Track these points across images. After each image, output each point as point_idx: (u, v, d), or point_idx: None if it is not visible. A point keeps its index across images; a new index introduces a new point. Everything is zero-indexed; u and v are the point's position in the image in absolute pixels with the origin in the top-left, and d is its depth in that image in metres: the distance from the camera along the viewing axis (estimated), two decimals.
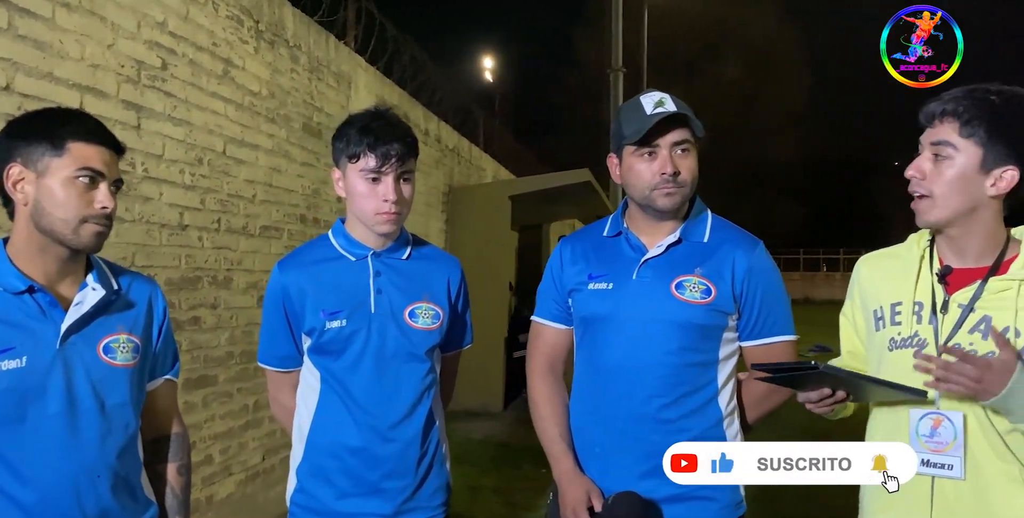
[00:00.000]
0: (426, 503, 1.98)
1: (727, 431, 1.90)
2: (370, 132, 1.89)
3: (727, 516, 1.88)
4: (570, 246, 2.06)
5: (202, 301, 3.83)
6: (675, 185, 1.85)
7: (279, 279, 1.99)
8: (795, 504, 4.47)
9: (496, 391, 7.78)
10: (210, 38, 3.88)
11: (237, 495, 4.11)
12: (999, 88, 1.60)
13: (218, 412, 3.95)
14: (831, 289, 45.50)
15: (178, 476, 1.82)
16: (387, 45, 6.80)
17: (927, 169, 1.61)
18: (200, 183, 3.79)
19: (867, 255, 1.89)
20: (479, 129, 11.33)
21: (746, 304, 1.89)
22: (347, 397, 1.93)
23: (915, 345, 1.66)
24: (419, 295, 1.99)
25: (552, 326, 2.07)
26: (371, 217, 1.92)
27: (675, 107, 1.85)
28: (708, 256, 1.89)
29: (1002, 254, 1.63)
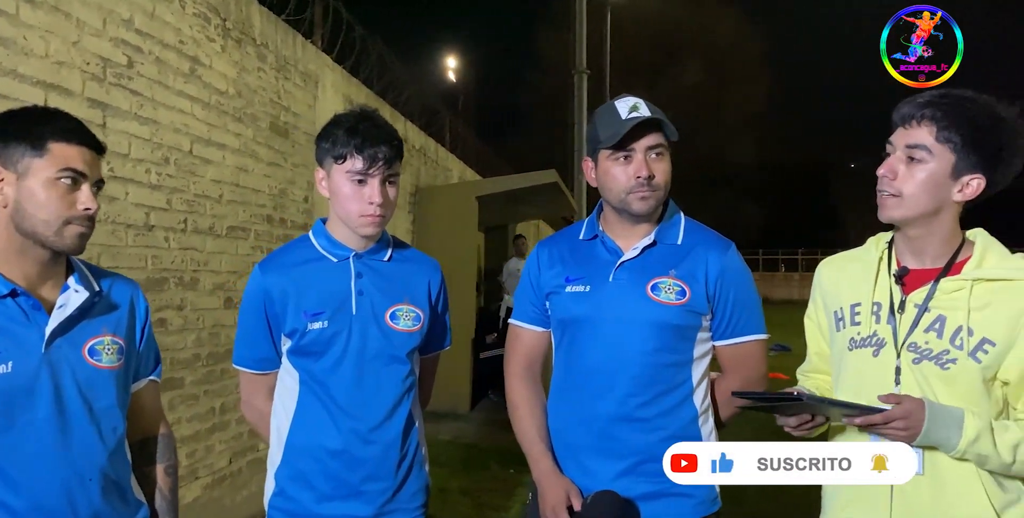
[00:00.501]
0: (406, 505, 1.98)
1: (702, 428, 1.94)
2: (358, 134, 1.88)
3: (704, 511, 1.92)
4: (547, 250, 2.08)
5: (168, 302, 3.78)
6: (650, 189, 1.89)
7: (260, 281, 1.97)
8: (760, 500, 4.54)
9: (463, 392, 7.76)
10: (177, 36, 3.82)
11: (204, 499, 4.05)
12: (974, 97, 1.64)
13: (184, 415, 3.90)
14: (789, 289, 46.19)
15: (166, 477, 1.80)
16: (354, 44, 6.76)
17: (899, 170, 1.65)
18: (166, 183, 3.74)
19: (828, 258, 1.94)
20: (445, 129, 11.31)
21: (719, 305, 1.93)
22: (327, 399, 1.92)
23: (874, 344, 1.71)
24: (400, 297, 1.99)
25: (530, 329, 2.10)
26: (355, 219, 1.91)
27: (649, 112, 1.88)
28: (682, 258, 1.93)
29: (955, 255, 1.69)
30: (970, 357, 1.61)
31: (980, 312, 1.62)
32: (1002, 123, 1.60)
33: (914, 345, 1.66)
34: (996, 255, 1.67)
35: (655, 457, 1.86)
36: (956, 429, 1.56)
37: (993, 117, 1.61)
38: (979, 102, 1.63)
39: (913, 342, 1.66)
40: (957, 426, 1.57)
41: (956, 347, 1.63)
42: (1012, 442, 1.57)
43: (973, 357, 1.61)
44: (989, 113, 1.61)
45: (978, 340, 1.61)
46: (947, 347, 1.63)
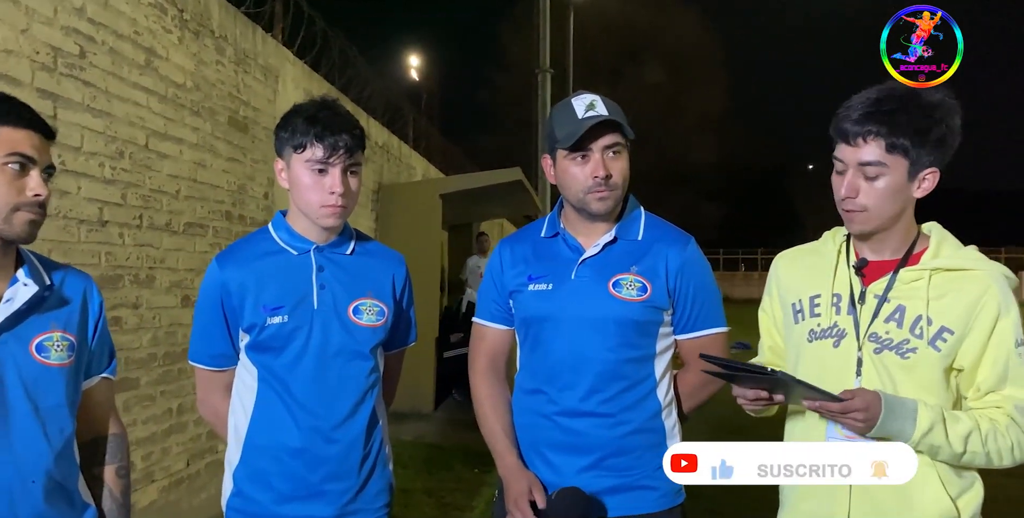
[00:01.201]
0: (369, 505, 1.94)
1: (665, 422, 1.96)
2: (317, 122, 1.83)
3: (667, 503, 1.94)
4: (509, 248, 2.07)
5: (123, 301, 3.67)
6: (608, 188, 1.89)
7: (218, 274, 1.91)
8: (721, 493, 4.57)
9: (426, 392, 7.71)
10: (131, 26, 3.71)
11: (160, 502, 3.95)
12: (904, 94, 1.64)
13: (140, 416, 3.79)
14: (749, 288, 46.77)
15: (117, 479, 1.73)
16: (316, 39, 6.66)
17: (859, 186, 1.66)
18: (121, 177, 3.63)
19: (784, 252, 1.95)
20: (408, 127, 11.23)
21: (680, 299, 1.95)
22: (287, 396, 1.87)
23: (835, 335, 1.73)
24: (363, 291, 1.94)
25: (494, 327, 2.09)
26: (316, 210, 1.86)
27: (606, 110, 1.88)
28: (643, 254, 1.94)
29: (912, 246, 1.72)
30: (930, 346, 1.64)
31: (938, 301, 1.65)
32: (937, 111, 1.62)
33: (875, 335, 1.68)
34: (951, 246, 1.71)
35: (620, 452, 1.91)
36: (910, 421, 1.58)
37: (928, 110, 1.62)
38: (911, 99, 1.63)
39: (874, 332, 1.69)
40: (911, 418, 1.58)
41: (916, 336, 1.65)
42: (963, 433, 1.59)
43: (933, 346, 1.63)
44: (924, 107, 1.62)
45: (937, 329, 1.64)
46: (907, 336, 1.65)
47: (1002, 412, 1.62)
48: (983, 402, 1.65)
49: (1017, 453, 1.61)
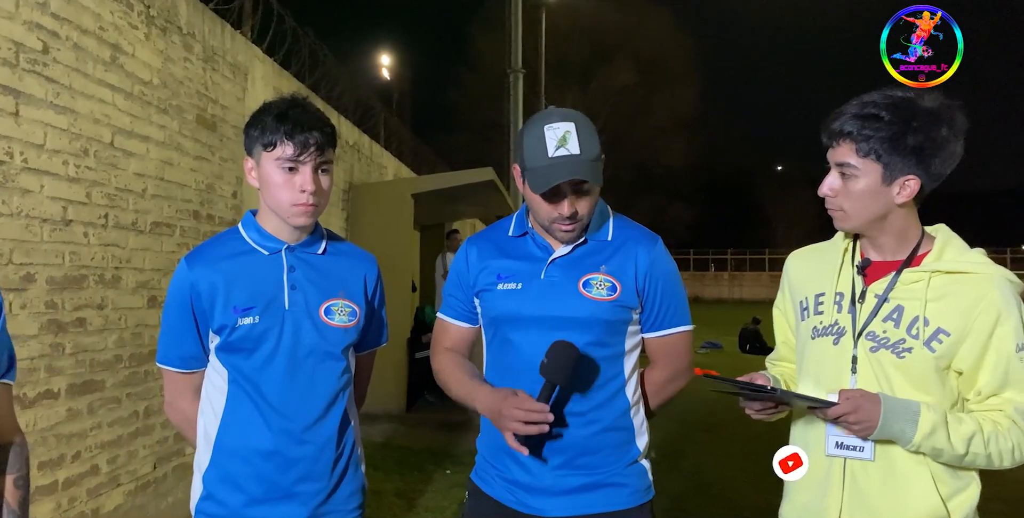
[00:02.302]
0: (341, 506, 1.92)
1: (634, 419, 1.97)
2: (287, 119, 1.80)
3: (638, 500, 1.95)
4: (476, 246, 2.06)
5: (88, 301, 3.60)
6: (573, 222, 1.88)
7: (187, 275, 1.88)
8: (692, 495, 4.60)
9: (398, 393, 7.66)
10: (96, 22, 3.64)
11: (126, 506, 3.88)
12: (886, 99, 1.67)
13: (105, 419, 3.72)
14: (719, 288, 47.21)
15: (15, 489, 1.64)
16: (285, 37, 6.59)
17: (837, 187, 1.71)
18: (86, 176, 3.56)
19: (797, 251, 2.01)
20: (379, 126, 11.16)
21: (648, 298, 1.96)
22: (258, 398, 1.84)
23: (835, 333, 1.77)
24: (335, 291, 1.92)
25: (457, 324, 2.09)
26: (287, 208, 1.84)
27: (579, 148, 1.80)
28: (612, 254, 1.95)
29: (916, 248, 1.75)
30: (925, 346, 1.66)
31: (936, 303, 1.67)
32: (919, 119, 1.64)
33: (872, 334, 1.71)
34: (955, 249, 1.73)
35: (590, 450, 1.91)
36: (912, 423, 1.60)
37: (911, 117, 1.64)
38: (891, 105, 1.65)
39: (871, 331, 1.72)
40: (913, 420, 1.61)
41: (912, 336, 1.67)
42: (966, 434, 1.61)
43: (928, 346, 1.66)
44: (907, 114, 1.64)
45: (933, 330, 1.66)
46: (903, 336, 1.68)
47: (1003, 414, 1.65)
48: (985, 405, 1.67)
49: (1017, 455, 1.64)
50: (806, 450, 1.79)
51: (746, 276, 46.19)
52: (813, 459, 1.77)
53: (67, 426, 3.44)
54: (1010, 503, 4.96)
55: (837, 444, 1.72)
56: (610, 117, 37.01)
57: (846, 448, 1.71)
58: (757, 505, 1.99)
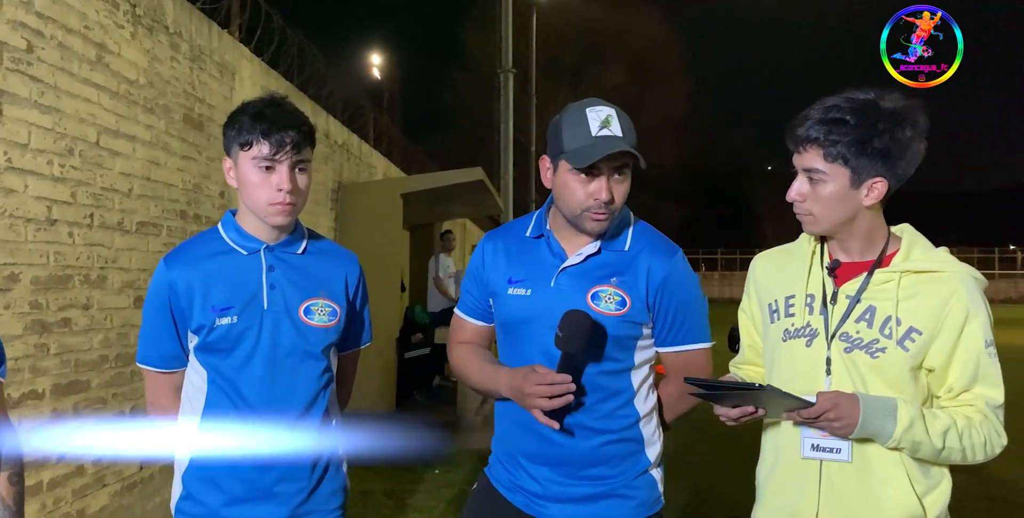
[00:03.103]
0: (322, 506, 1.92)
1: (643, 429, 1.93)
2: (264, 118, 1.81)
3: (645, 513, 1.92)
4: (492, 244, 2.04)
5: (73, 301, 3.58)
6: (607, 212, 1.84)
7: (165, 275, 1.88)
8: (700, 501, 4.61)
9: (387, 392, 7.66)
10: (82, 21, 3.63)
11: (112, 507, 3.86)
12: (849, 102, 1.66)
13: (92, 419, 3.70)
14: (709, 288, 47.24)
15: (9, 486, 1.65)
16: (273, 36, 6.58)
17: (805, 191, 1.71)
18: (71, 175, 3.54)
19: (762, 252, 1.99)
20: (369, 126, 11.14)
21: (660, 313, 1.91)
22: (237, 398, 1.84)
23: (807, 335, 1.76)
24: (315, 291, 1.92)
25: (473, 322, 2.08)
26: (264, 208, 1.84)
27: (620, 131, 1.80)
28: (626, 266, 1.91)
29: (884, 249, 1.75)
30: (898, 346, 1.67)
31: (908, 302, 1.68)
32: (884, 121, 1.64)
33: (845, 335, 1.72)
34: (921, 248, 1.75)
35: (597, 461, 1.89)
36: (891, 418, 1.61)
37: (876, 120, 1.64)
38: (856, 108, 1.65)
39: (845, 332, 1.72)
40: (892, 415, 1.62)
41: (885, 336, 1.68)
42: (942, 429, 1.63)
43: (901, 346, 1.67)
44: (873, 117, 1.64)
45: (906, 329, 1.67)
46: (877, 336, 1.69)
47: (975, 409, 1.67)
48: (956, 401, 1.69)
49: (988, 449, 1.66)
50: (779, 453, 1.79)
51: (736, 275, 46.28)
52: (787, 462, 1.77)
53: (53, 427, 3.43)
54: (995, 501, 5.00)
55: (813, 446, 1.72)
56: None
57: (822, 450, 1.71)
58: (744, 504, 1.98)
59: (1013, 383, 1.72)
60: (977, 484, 5.16)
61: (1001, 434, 1.68)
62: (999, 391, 1.68)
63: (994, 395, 1.68)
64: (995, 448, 1.67)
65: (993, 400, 1.67)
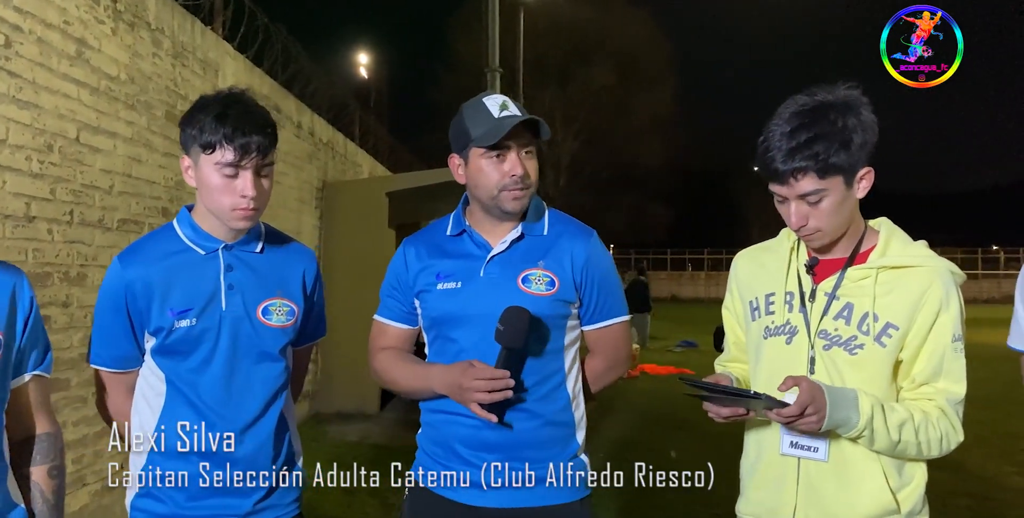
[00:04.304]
0: (279, 501, 1.92)
1: (574, 413, 1.98)
2: (227, 120, 1.73)
3: (577, 495, 1.95)
4: (413, 247, 2.05)
5: (52, 299, 3.55)
6: (523, 186, 1.91)
7: (121, 274, 1.83)
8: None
9: (371, 392, 7.63)
10: (61, 16, 3.59)
11: (92, 506, 3.83)
12: (804, 116, 1.64)
13: (70, 418, 3.67)
14: (696, 288, 47.47)
15: (49, 479, 1.67)
16: (257, 33, 6.54)
17: (806, 212, 1.68)
18: (50, 172, 3.51)
19: (743, 251, 1.99)
20: (355, 124, 11.11)
21: (586, 291, 1.98)
22: (196, 399, 1.83)
23: (787, 332, 1.77)
24: (273, 291, 1.90)
25: (396, 326, 2.07)
26: (227, 213, 1.80)
27: (519, 111, 1.91)
28: (549, 249, 1.97)
29: (859, 244, 1.75)
30: (876, 342, 1.68)
31: (884, 298, 1.69)
32: (845, 118, 1.64)
33: (824, 332, 1.72)
34: (899, 243, 1.75)
35: (531, 444, 1.91)
36: (854, 408, 1.62)
37: (838, 120, 1.64)
38: (819, 118, 1.64)
39: (824, 329, 1.73)
40: (854, 406, 1.63)
41: (863, 333, 1.69)
42: (898, 422, 1.64)
43: (878, 342, 1.68)
44: (834, 120, 1.63)
45: (883, 325, 1.68)
46: (855, 333, 1.69)
47: (934, 404, 1.68)
48: (916, 393, 1.70)
49: (944, 444, 1.67)
50: (761, 448, 1.81)
51: (723, 275, 46.22)
52: (768, 458, 1.78)
53: None
54: (976, 498, 5.04)
55: (792, 443, 1.73)
56: (588, 117, 37.09)
57: (800, 448, 1.72)
58: (730, 501, 1.99)
59: (995, 381, 1.74)
60: (958, 481, 5.20)
61: (958, 430, 1.68)
62: (961, 386, 1.69)
63: (956, 390, 1.68)
64: (951, 444, 1.68)
65: (954, 395, 1.68)
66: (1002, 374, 1.77)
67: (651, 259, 42.67)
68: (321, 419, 7.44)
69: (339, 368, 7.60)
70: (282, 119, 6.74)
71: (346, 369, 7.57)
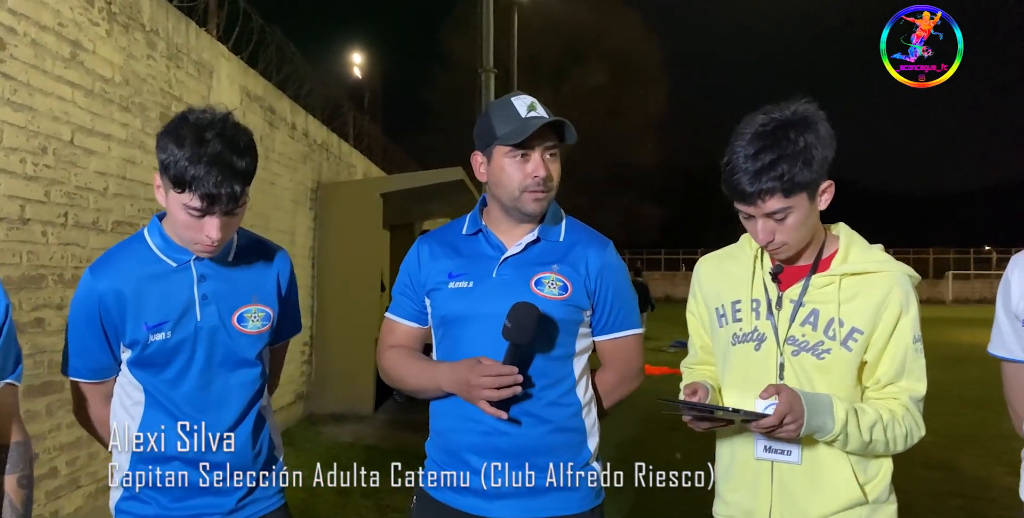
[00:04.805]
0: (262, 495, 1.94)
1: (585, 420, 1.95)
2: (200, 164, 1.66)
3: (588, 504, 1.94)
4: (428, 245, 2.04)
5: (46, 301, 3.55)
6: (545, 189, 1.90)
7: (92, 286, 1.81)
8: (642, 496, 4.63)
9: (366, 393, 7.62)
10: (56, 18, 3.59)
11: (87, 509, 3.83)
12: (765, 138, 1.66)
13: (64, 420, 3.67)
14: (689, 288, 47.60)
15: (19, 488, 1.66)
16: (252, 35, 6.53)
17: (773, 228, 1.72)
18: (44, 174, 3.51)
19: (705, 256, 2.04)
20: (349, 125, 11.10)
21: (599, 301, 1.96)
22: (174, 408, 1.84)
23: (755, 339, 1.81)
24: (248, 298, 1.90)
25: (406, 324, 2.05)
26: (190, 245, 1.80)
27: (546, 113, 1.90)
28: (564, 254, 1.95)
29: (821, 251, 1.80)
30: (842, 346, 1.73)
31: (848, 304, 1.74)
32: (804, 136, 1.66)
33: (792, 338, 1.77)
34: (858, 249, 1.80)
35: (541, 451, 1.88)
36: (829, 414, 1.67)
37: (798, 139, 1.66)
38: (780, 138, 1.66)
39: (792, 336, 1.77)
40: (829, 411, 1.67)
41: (829, 338, 1.74)
42: (869, 423, 1.70)
43: (845, 346, 1.73)
44: (795, 140, 1.66)
45: (848, 330, 1.73)
46: (822, 338, 1.74)
47: (898, 403, 1.74)
48: (881, 393, 1.76)
49: (909, 440, 1.74)
50: (735, 452, 1.84)
51: None
52: (742, 461, 1.82)
53: (26, 428, 3.39)
54: (968, 498, 5.07)
55: (765, 448, 1.78)
56: (583, 117, 37.14)
57: (774, 452, 1.77)
58: None
59: (987, 382, 1.77)
60: (951, 481, 5.23)
61: (921, 426, 1.75)
62: (922, 385, 1.75)
63: (917, 388, 1.75)
64: (914, 439, 1.75)
65: (916, 393, 1.75)
66: (994, 375, 1.79)
67: (645, 259, 42.65)
68: (315, 420, 7.43)
69: (333, 369, 7.60)
70: (276, 120, 6.74)
71: (340, 370, 7.57)
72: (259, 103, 6.31)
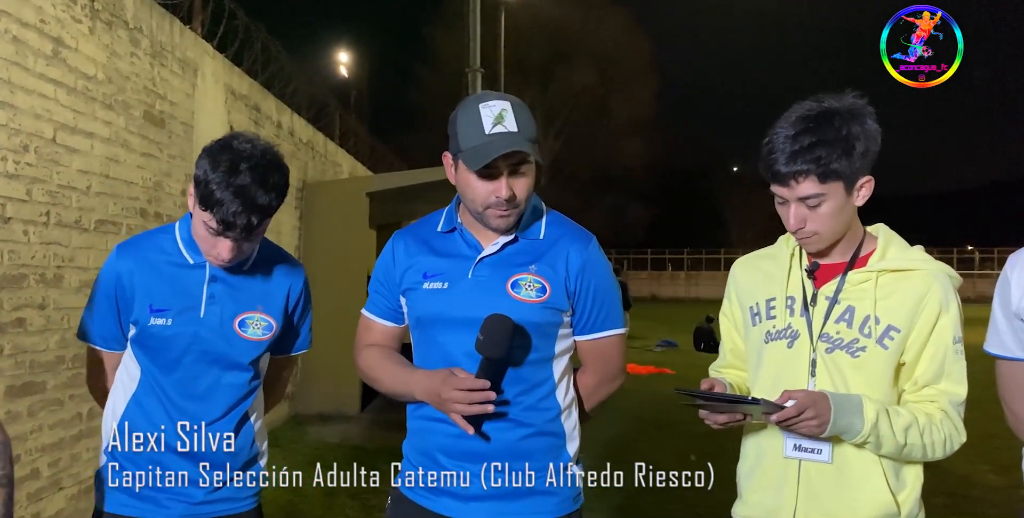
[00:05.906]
0: (236, 495, 1.98)
1: (565, 424, 1.90)
2: (226, 190, 1.75)
3: (566, 509, 1.89)
4: (403, 242, 1.97)
5: (28, 301, 3.51)
6: (510, 207, 1.81)
7: (115, 263, 1.95)
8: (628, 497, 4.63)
9: (352, 393, 7.60)
10: (37, 14, 3.55)
11: (68, 510, 3.79)
12: (809, 121, 1.67)
13: (47, 421, 3.63)
14: (675, 287, 47.72)
15: None
16: (237, 33, 6.50)
17: (805, 216, 1.71)
18: (26, 172, 3.47)
19: (741, 258, 2.01)
20: (335, 124, 11.06)
21: (580, 300, 1.89)
22: (163, 394, 1.92)
23: (789, 336, 1.79)
24: (253, 305, 1.96)
25: (382, 323, 2.00)
26: (206, 254, 1.90)
27: (515, 125, 1.77)
28: (543, 253, 1.88)
29: (859, 249, 1.78)
30: (878, 344, 1.70)
31: (885, 301, 1.71)
32: (849, 125, 1.66)
33: (826, 335, 1.74)
34: (897, 247, 1.78)
35: (519, 455, 1.84)
36: (858, 415, 1.64)
37: (842, 127, 1.66)
38: (823, 123, 1.66)
39: (826, 333, 1.75)
40: (858, 411, 1.65)
41: (865, 335, 1.71)
42: (903, 425, 1.66)
43: (880, 344, 1.70)
44: (838, 127, 1.66)
45: (884, 328, 1.70)
46: (857, 336, 1.72)
47: (936, 406, 1.70)
48: (919, 395, 1.72)
49: (948, 446, 1.70)
50: (761, 452, 1.81)
51: (702, 275, 46.66)
52: (769, 461, 1.79)
53: (7, 429, 3.35)
54: (952, 497, 5.10)
55: (795, 446, 1.74)
56: (569, 117, 37.14)
57: (804, 450, 1.73)
58: (710, 502, 1.99)
59: (973, 381, 1.75)
60: (934, 479, 5.21)
61: (961, 431, 1.71)
62: (963, 388, 1.71)
63: (957, 391, 1.71)
64: (954, 445, 1.70)
65: (956, 397, 1.71)
66: (980, 374, 1.79)
67: (631, 259, 42.74)
68: (301, 420, 7.40)
69: (319, 369, 7.56)
70: (261, 119, 6.70)
71: (326, 370, 7.53)
72: (244, 101, 6.27)
